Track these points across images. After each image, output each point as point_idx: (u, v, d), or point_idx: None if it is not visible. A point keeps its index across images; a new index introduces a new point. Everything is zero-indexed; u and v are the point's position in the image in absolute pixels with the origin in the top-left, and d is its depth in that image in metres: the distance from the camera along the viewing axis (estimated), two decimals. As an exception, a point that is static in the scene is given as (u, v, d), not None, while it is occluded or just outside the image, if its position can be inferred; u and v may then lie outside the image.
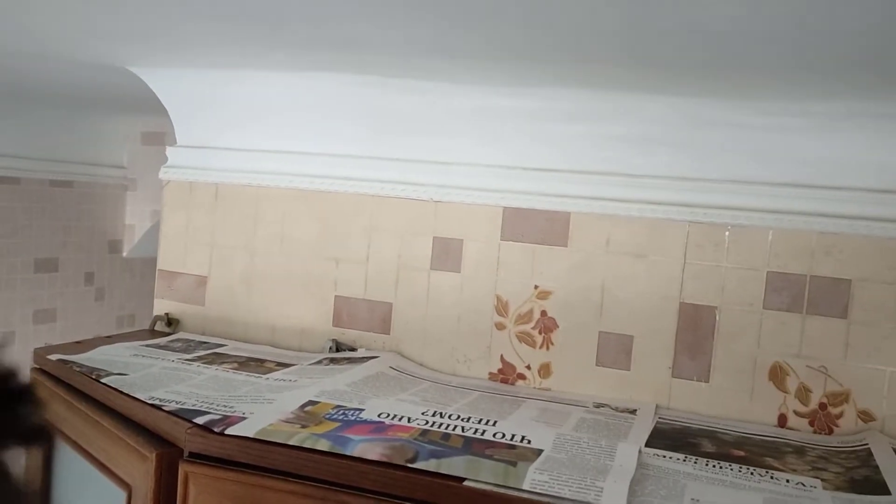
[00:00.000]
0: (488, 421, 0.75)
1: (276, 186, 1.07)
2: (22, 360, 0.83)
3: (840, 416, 0.83)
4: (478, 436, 0.70)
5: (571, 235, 0.93)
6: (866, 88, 0.74)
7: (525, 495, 0.58)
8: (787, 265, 0.85)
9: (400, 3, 0.60)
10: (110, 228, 2.40)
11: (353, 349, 1.02)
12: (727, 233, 0.87)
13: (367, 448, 0.64)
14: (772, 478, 0.67)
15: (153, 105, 1.63)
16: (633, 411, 0.86)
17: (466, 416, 0.76)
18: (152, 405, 0.73)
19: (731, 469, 0.68)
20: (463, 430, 0.71)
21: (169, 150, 1.14)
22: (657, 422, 0.83)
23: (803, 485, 0.65)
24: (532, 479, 0.59)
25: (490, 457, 0.63)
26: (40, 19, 0.79)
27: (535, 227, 0.94)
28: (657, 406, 0.89)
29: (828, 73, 0.70)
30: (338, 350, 1.02)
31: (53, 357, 0.89)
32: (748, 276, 0.86)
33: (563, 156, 0.93)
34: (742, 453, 0.74)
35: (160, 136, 2.32)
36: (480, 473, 0.60)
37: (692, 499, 0.59)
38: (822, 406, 0.84)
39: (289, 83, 0.99)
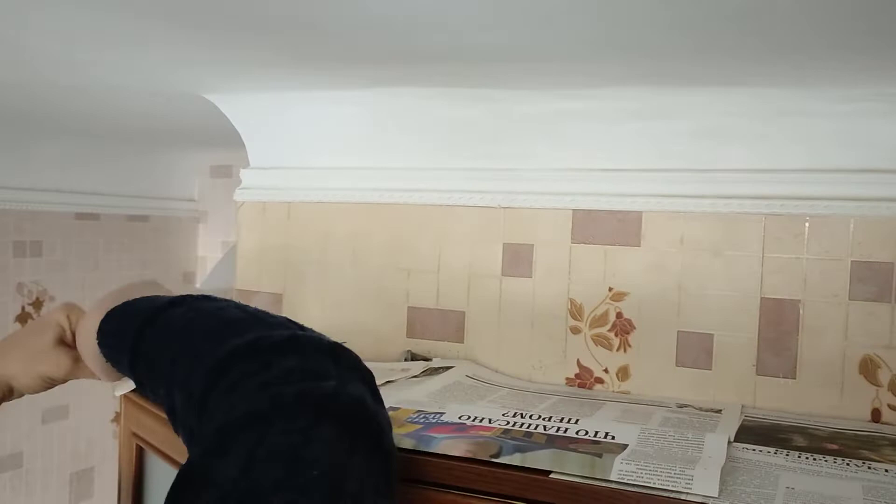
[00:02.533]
0: (570, 419, 0.74)
1: (345, 202, 1.09)
2: (105, 388, 0.86)
3: (938, 408, 0.80)
4: (560, 433, 0.69)
5: (644, 235, 0.92)
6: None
7: (614, 486, 0.57)
8: (871, 254, 0.82)
9: (475, 7, 0.61)
10: (184, 260, 2.48)
11: (427, 359, 1.03)
12: (806, 223, 0.85)
13: (450, 445, 0.64)
14: (869, 468, 0.64)
15: (221, 137, 1.68)
16: (718, 411, 0.84)
17: (548, 416, 0.75)
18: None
19: (826, 461, 0.66)
20: (545, 429, 0.70)
21: (243, 173, 1.17)
22: (744, 419, 0.80)
23: (905, 474, 0.63)
24: (619, 469, 0.58)
25: (574, 450, 0.63)
26: (121, 52, 0.84)
27: (606, 228, 0.94)
28: (743, 406, 0.87)
29: (905, 51, 0.68)
30: (413, 360, 1.03)
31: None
32: (831, 266, 0.84)
33: (631, 155, 0.92)
34: (836, 447, 0.71)
35: (228, 169, 2.40)
36: (566, 466, 0.60)
37: (787, 487, 0.58)
38: (919, 399, 0.80)
39: (354, 100, 1.02)
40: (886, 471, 0.64)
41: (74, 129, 1.73)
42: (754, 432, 0.75)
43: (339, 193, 1.09)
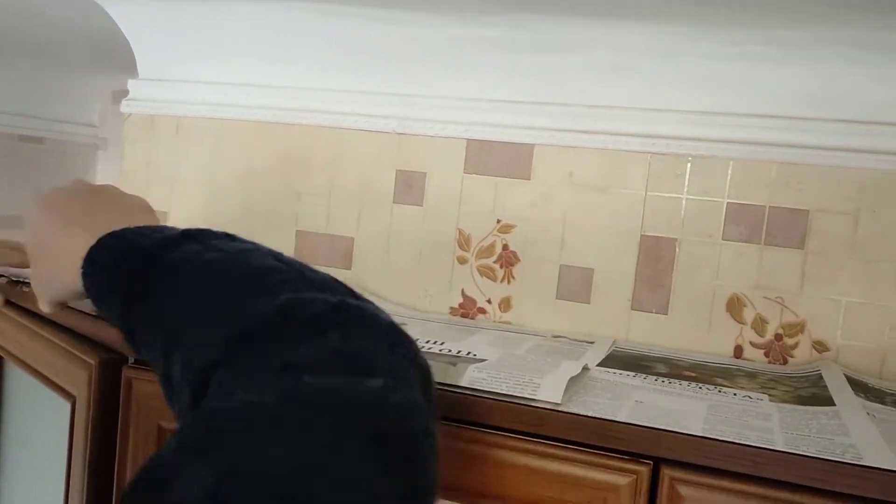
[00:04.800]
0: (437, 342, 0.74)
1: (238, 119, 1.05)
2: None
3: (795, 346, 0.83)
4: (422, 349, 0.69)
5: (535, 168, 0.92)
6: (832, 14, 0.74)
7: (463, 391, 0.57)
8: (746, 196, 0.84)
9: None
10: (82, 189, 2.36)
11: (313, 284, 1.01)
12: (688, 164, 0.86)
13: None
14: (719, 391, 0.67)
15: (125, 61, 1.60)
16: (591, 343, 0.85)
17: (416, 338, 0.75)
18: (97, 316, 0.72)
19: (680, 384, 0.68)
20: (413, 346, 0.70)
21: (130, 83, 1.12)
22: (613, 350, 0.82)
23: (749, 397, 0.65)
24: (470, 376, 0.59)
25: (431, 359, 0.63)
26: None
27: (498, 159, 0.94)
28: (615, 339, 0.88)
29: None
30: (298, 284, 1.01)
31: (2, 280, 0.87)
32: (708, 207, 0.86)
33: (528, 87, 0.92)
34: (693, 374, 0.74)
35: (133, 96, 2.30)
36: (421, 373, 0.60)
37: (636, 401, 0.59)
38: (778, 337, 0.84)
39: (253, 12, 0.98)
40: (735, 394, 0.66)
41: (-42, 34, 1.61)
42: (620, 360, 0.77)
43: (232, 110, 1.05)
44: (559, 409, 0.55)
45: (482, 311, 0.95)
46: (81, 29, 1.36)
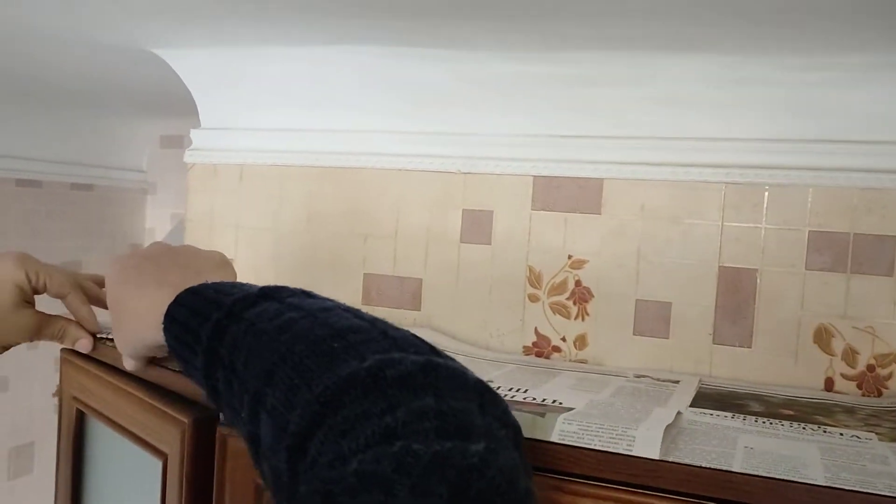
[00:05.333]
0: (520, 389, 0.73)
1: (300, 165, 1.06)
2: (47, 360, 0.82)
3: (889, 377, 0.81)
4: (508, 398, 0.68)
5: (605, 202, 0.91)
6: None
7: (554, 446, 0.56)
8: (828, 223, 0.82)
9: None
10: (131, 232, 2.40)
11: (382, 327, 1.00)
12: (766, 193, 0.85)
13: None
14: (825, 432, 0.64)
15: (172, 104, 1.63)
16: (676, 381, 0.83)
17: (497, 386, 0.74)
18: (181, 372, 0.72)
19: (782, 425, 0.66)
20: (494, 395, 0.69)
21: (193, 133, 1.13)
22: (700, 387, 0.80)
23: (858, 437, 0.63)
24: (561, 429, 0.57)
25: (519, 410, 0.61)
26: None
27: (566, 195, 0.93)
28: (700, 378, 0.86)
29: (859, 20, 0.68)
30: (367, 328, 1.00)
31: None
32: (789, 236, 0.84)
33: (593, 121, 0.91)
34: (791, 412, 0.71)
35: (179, 140, 2.33)
36: (507, 425, 0.58)
37: (746, 447, 0.57)
38: (871, 368, 0.81)
39: (312, 58, 0.99)
40: (841, 434, 0.64)
41: (12, 90, 1.65)
42: (711, 399, 0.75)
43: (295, 156, 1.06)
44: (669, 459, 0.54)
45: (557, 349, 0.93)
46: (129, 76, 1.38)
